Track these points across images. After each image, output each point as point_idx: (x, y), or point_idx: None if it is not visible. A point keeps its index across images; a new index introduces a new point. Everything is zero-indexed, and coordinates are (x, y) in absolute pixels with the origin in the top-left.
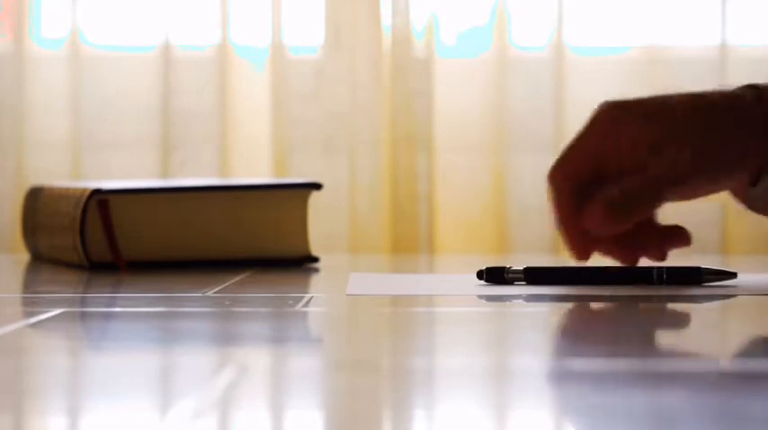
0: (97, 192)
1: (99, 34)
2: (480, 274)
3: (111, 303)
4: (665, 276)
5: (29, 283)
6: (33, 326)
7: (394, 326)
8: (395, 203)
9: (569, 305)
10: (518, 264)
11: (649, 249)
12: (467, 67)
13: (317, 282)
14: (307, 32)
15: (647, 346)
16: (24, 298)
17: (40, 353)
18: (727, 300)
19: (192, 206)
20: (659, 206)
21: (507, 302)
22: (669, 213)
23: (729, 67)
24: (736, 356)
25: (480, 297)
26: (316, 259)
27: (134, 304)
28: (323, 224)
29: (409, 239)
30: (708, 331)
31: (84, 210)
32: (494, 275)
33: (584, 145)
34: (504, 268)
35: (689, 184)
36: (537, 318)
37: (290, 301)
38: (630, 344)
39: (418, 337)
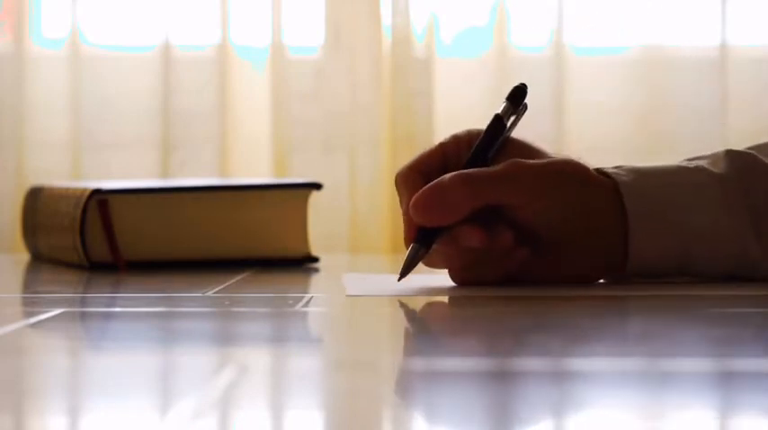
0: (97, 192)
1: (99, 34)
2: None
3: (111, 303)
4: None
5: (29, 283)
6: (33, 326)
7: (394, 327)
8: (395, 203)
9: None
10: None
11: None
12: (467, 67)
13: (317, 282)
14: (307, 32)
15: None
16: (24, 298)
17: (40, 353)
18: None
19: (192, 206)
20: (477, 205)
21: (508, 302)
22: None
23: (729, 66)
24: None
25: (481, 297)
26: (316, 259)
27: (134, 304)
28: (323, 224)
29: None
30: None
31: (84, 210)
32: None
33: (442, 149)
34: None
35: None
36: (538, 317)
37: (290, 301)
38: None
39: (418, 337)
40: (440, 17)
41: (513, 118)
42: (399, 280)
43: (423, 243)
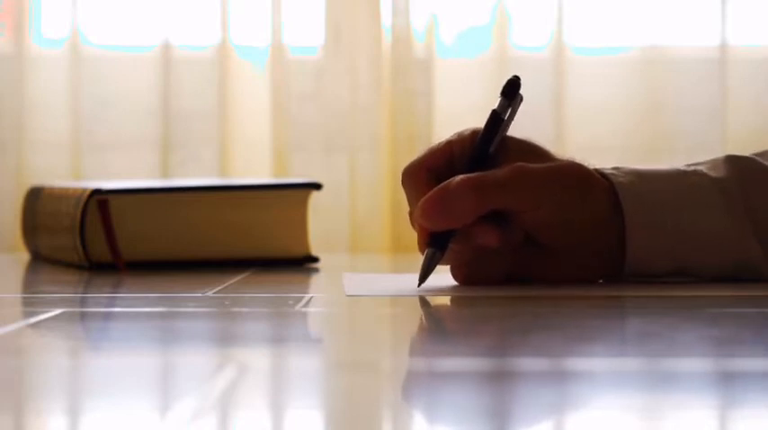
0: (97, 192)
1: (99, 34)
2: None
3: (111, 303)
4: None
5: (29, 283)
6: (33, 326)
7: (394, 327)
8: (395, 203)
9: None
10: None
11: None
12: (467, 67)
13: (316, 282)
14: (307, 32)
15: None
16: (24, 298)
17: (40, 353)
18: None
19: (192, 206)
20: (483, 211)
21: (508, 302)
22: None
23: (729, 66)
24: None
25: (481, 297)
26: (316, 259)
27: (134, 304)
28: (323, 224)
29: (409, 239)
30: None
31: (84, 210)
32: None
33: (449, 146)
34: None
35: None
36: (539, 317)
37: (290, 301)
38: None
39: (418, 337)
40: (440, 17)
41: (509, 110)
42: (419, 286)
43: (437, 246)
